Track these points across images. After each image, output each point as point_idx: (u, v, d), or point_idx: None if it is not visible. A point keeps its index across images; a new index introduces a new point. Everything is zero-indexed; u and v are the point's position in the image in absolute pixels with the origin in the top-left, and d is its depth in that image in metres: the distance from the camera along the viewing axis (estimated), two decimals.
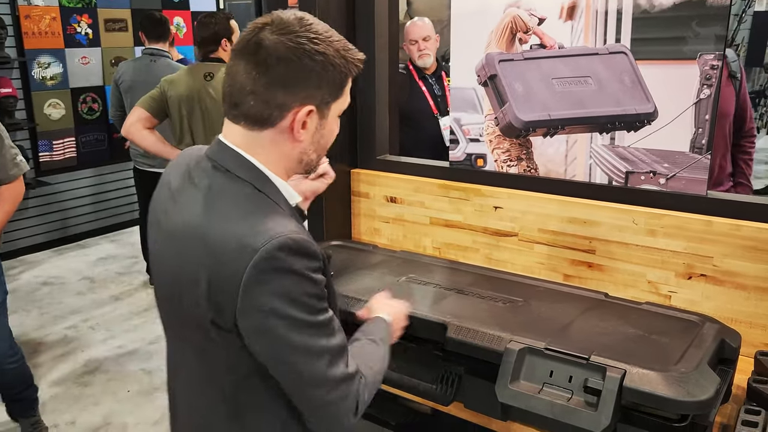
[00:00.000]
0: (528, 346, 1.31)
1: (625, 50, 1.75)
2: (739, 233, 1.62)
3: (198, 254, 1.02)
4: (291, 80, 1.03)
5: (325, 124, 1.10)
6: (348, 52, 1.08)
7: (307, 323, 1.00)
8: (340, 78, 1.07)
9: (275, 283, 0.97)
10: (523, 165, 1.99)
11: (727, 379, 1.36)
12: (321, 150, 1.13)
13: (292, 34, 1.02)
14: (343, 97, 1.11)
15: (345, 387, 1.05)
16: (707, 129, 1.68)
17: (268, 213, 1.03)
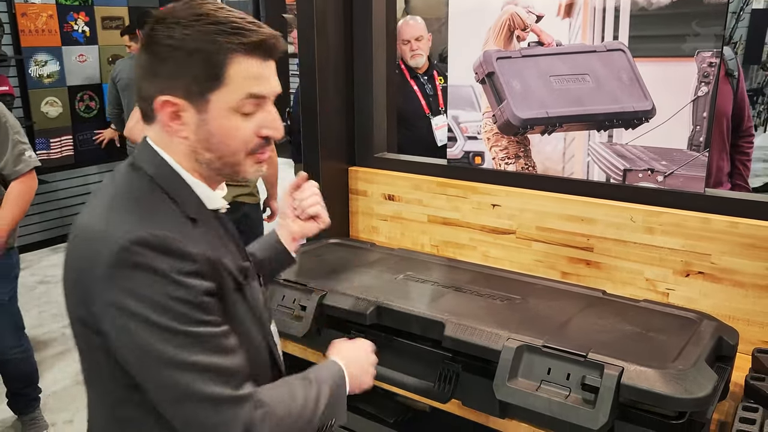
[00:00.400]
0: (526, 344, 1.31)
1: (623, 48, 1.75)
2: (736, 231, 1.62)
3: (74, 247, 0.99)
4: (149, 70, 0.98)
5: (209, 118, 0.98)
6: (221, 35, 0.95)
7: (172, 330, 0.90)
8: (208, 64, 0.96)
9: (128, 281, 0.90)
10: (521, 163, 1.99)
11: (724, 376, 1.36)
12: (217, 150, 1.00)
13: (161, 23, 0.98)
14: (228, 86, 0.97)
15: (228, 411, 0.93)
16: (705, 126, 1.68)
17: (149, 208, 0.97)
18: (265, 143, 1.05)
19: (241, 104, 0.99)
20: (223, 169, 1.04)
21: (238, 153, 1.02)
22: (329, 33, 2.15)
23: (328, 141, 2.22)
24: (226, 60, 0.96)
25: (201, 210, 1.04)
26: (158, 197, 1.00)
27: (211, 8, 0.98)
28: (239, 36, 0.96)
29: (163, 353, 0.90)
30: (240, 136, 1.01)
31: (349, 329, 1.59)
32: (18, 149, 2.42)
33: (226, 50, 0.96)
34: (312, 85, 2.14)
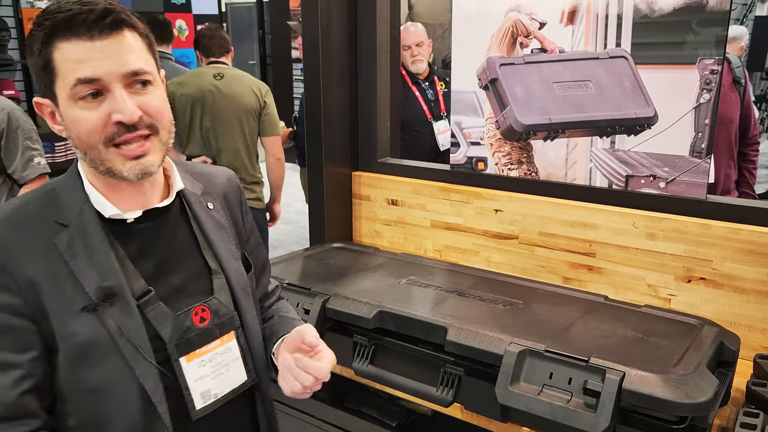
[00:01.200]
0: (528, 348, 1.32)
1: (625, 54, 1.76)
2: (737, 237, 1.63)
3: None
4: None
5: (63, 114, 0.95)
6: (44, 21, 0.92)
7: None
8: (39, 57, 0.93)
9: None
10: (523, 168, 2.00)
11: (726, 381, 1.37)
12: (80, 145, 0.95)
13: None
14: (59, 76, 0.92)
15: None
16: (707, 133, 1.69)
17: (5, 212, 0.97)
18: (125, 131, 0.94)
19: (74, 92, 0.92)
20: (97, 167, 0.96)
21: (95, 145, 0.94)
22: (333, 39, 2.17)
23: (332, 146, 2.24)
24: (50, 48, 0.92)
25: (83, 218, 0.97)
26: (28, 203, 0.98)
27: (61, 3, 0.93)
28: (51, 18, 0.91)
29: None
30: (86, 126, 0.93)
31: (352, 333, 1.60)
32: (27, 155, 2.44)
33: (47, 36, 0.91)
34: (316, 90, 2.16)
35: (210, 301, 1.06)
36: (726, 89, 2.55)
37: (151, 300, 0.99)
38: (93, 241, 0.96)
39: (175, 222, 1.07)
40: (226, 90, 3.00)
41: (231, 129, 3.01)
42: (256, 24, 9.98)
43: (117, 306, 0.96)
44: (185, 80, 3.05)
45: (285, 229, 6.02)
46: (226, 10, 6.73)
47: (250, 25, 9.98)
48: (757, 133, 2.73)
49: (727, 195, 2.58)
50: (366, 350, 1.59)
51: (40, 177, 2.49)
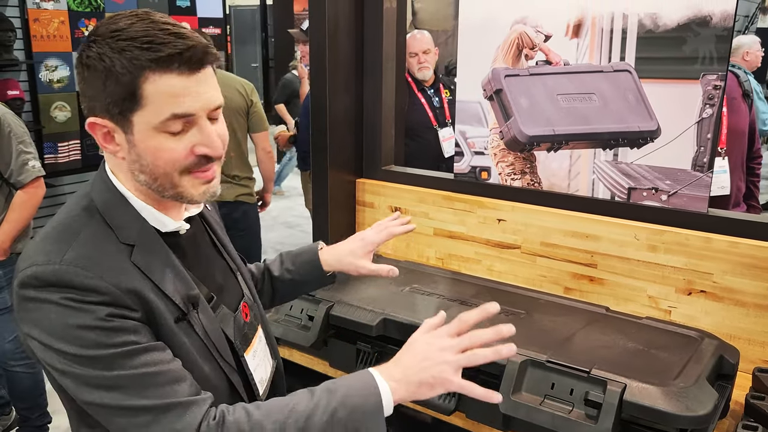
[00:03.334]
0: (530, 359, 1.33)
1: (629, 68, 1.78)
2: (737, 251, 1.65)
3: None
4: (83, 92, 0.95)
5: (135, 140, 0.93)
6: (132, 51, 0.89)
7: (84, 357, 0.88)
8: (118, 83, 0.90)
9: (33, 313, 0.90)
10: (527, 179, 2.02)
11: (725, 394, 1.38)
12: (150, 171, 0.95)
13: (87, 40, 0.93)
14: (147, 106, 0.91)
15: (174, 417, 0.90)
16: (709, 147, 1.71)
17: (66, 238, 0.93)
18: (206, 162, 0.97)
19: (165, 125, 0.92)
20: (164, 191, 0.97)
21: (171, 174, 0.95)
22: (340, 46, 2.19)
23: (337, 152, 2.25)
24: (139, 79, 0.89)
25: (144, 235, 0.98)
26: (90, 225, 0.95)
27: (129, 22, 0.91)
28: (150, 51, 0.89)
29: (84, 377, 0.89)
30: (168, 157, 0.94)
31: (356, 340, 1.62)
32: (21, 159, 2.44)
33: (136, 68, 0.89)
34: (322, 97, 2.18)
35: (246, 297, 1.17)
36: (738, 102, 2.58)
37: (216, 303, 1.06)
38: (161, 256, 0.99)
39: (199, 228, 1.13)
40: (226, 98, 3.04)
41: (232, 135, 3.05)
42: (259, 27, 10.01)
43: (201, 313, 1.01)
44: None
45: (286, 233, 6.04)
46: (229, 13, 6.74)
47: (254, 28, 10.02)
48: (759, 147, 2.76)
49: (738, 207, 2.60)
50: (369, 357, 1.60)
51: (35, 180, 2.50)
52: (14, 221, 2.46)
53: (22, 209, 2.48)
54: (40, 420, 2.75)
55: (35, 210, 2.54)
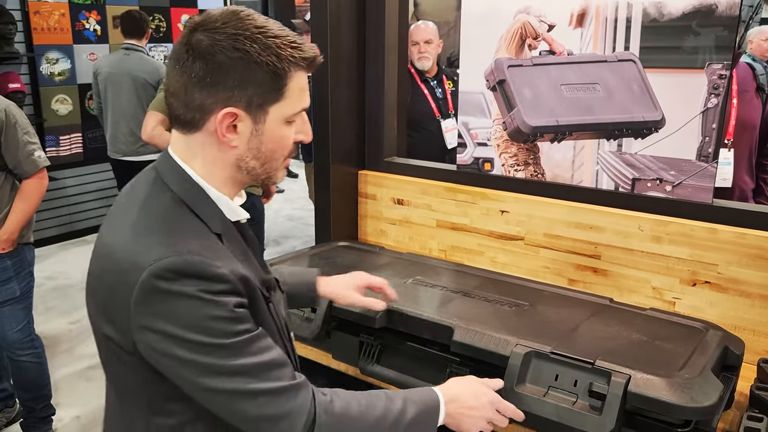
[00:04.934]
0: (534, 350, 1.33)
1: (633, 58, 1.76)
2: (743, 241, 1.64)
3: (100, 261, 1.01)
4: (208, 80, 0.96)
5: (263, 129, 1.00)
6: (284, 49, 0.97)
7: (213, 345, 0.93)
8: (272, 78, 0.97)
9: (164, 306, 0.92)
10: (530, 170, 2.01)
11: (730, 385, 1.38)
12: (263, 158, 1.03)
13: (214, 31, 0.96)
14: (286, 99, 1.00)
15: (289, 399, 0.97)
16: (714, 138, 1.70)
17: (176, 229, 0.97)
18: (295, 148, 1.09)
19: (293, 116, 1.03)
20: (261, 175, 1.06)
21: (279, 159, 1.06)
22: (342, 37, 2.17)
23: (339, 144, 2.25)
24: (288, 74, 0.99)
25: (225, 224, 1.04)
26: (184, 215, 0.99)
27: (263, 21, 0.99)
28: (298, 51, 0.99)
29: (209, 366, 0.93)
30: (286, 144, 1.05)
31: (359, 332, 1.61)
32: (27, 149, 2.44)
33: (289, 64, 0.98)
34: (324, 89, 2.17)
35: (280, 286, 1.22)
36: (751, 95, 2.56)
37: (274, 285, 1.15)
38: (239, 244, 1.05)
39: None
40: None
41: None
42: None
43: (272, 294, 1.10)
44: None
45: (288, 224, 6.03)
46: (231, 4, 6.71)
47: None
48: None
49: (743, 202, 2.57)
50: (372, 349, 1.60)
51: (40, 171, 2.50)
52: (21, 211, 2.46)
53: (29, 199, 2.49)
54: (44, 412, 2.76)
55: (41, 200, 2.54)
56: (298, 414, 0.97)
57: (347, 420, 1.02)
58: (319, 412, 0.99)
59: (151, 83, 4.20)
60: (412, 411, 1.07)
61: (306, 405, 0.98)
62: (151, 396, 1.01)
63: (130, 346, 0.96)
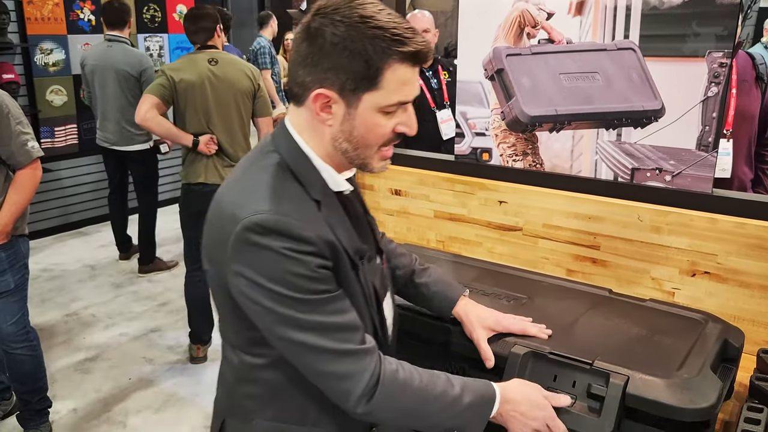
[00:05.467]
0: (532, 350, 1.31)
1: (633, 46, 1.74)
2: (743, 231, 1.63)
3: (211, 213, 1.10)
4: (309, 60, 1.03)
5: (356, 114, 1.05)
6: (382, 40, 1.00)
7: (292, 298, 1.01)
8: (368, 66, 1.01)
9: (251, 255, 1.01)
10: (528, 160, 1.99)
11: (729, 376, 1.37)
12: (356, 142, 1.07)
13: (324, 16, 1.02)
14: (381, 89, 1.03)
15: (354, 362, 1.04)
16: (714, 127, 1.68)
17: (276, 191, 1.05)
18: (396, 139, 1.11)
19: (387, 108, 1.05)
20: (355, 160, 1.10)
21: (373, 147, 1.09)
22: None
23: None
24: (385, 65, 1.01)
25: (325, 192, 1.10)
26: (288, 180, 1.07)
27: (374, 10, 1.02)
28: (399, 44, 1.01)
29: (284, 316, 1.02)
30: (380, 132, 1.07)
31: None
32: (21, 140, 2.42)
33: (386, 56, 1.01)
34: None
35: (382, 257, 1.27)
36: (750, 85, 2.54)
37: (370, 255, 1.19)
38: (337, 212, 1.12)
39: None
40: (223, 75, 3.08)
41: (228, 111, 3.12)
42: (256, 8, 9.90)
43: (366, 263, 1.15)
44: (182, 67, 3.08)
45: None
46: None
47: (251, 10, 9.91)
48: None
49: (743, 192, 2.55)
50: None
51: (33, 161, 2.47)
52: (15, 203, 2.44)
53: (23, 190, 2.46)
54: (40, 404, 2.75)
55: (35, 191, 2.52)
56: (359, 377, 1.04)
57: (407, 391, 1.08)
58: (382, 379, 1.05)
59: (133, 75, 4.19)
60: (467, 399, 1.12)
61: (369, 370, 1.05)
62: (242, 336, 1.12)
63: (226, 288, 1.07)
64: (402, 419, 1.10)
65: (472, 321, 1.35)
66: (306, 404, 1.14)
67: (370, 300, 1.16)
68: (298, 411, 1.15)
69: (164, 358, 3.46)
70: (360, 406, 1.05)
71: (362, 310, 1.13)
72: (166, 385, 3.20)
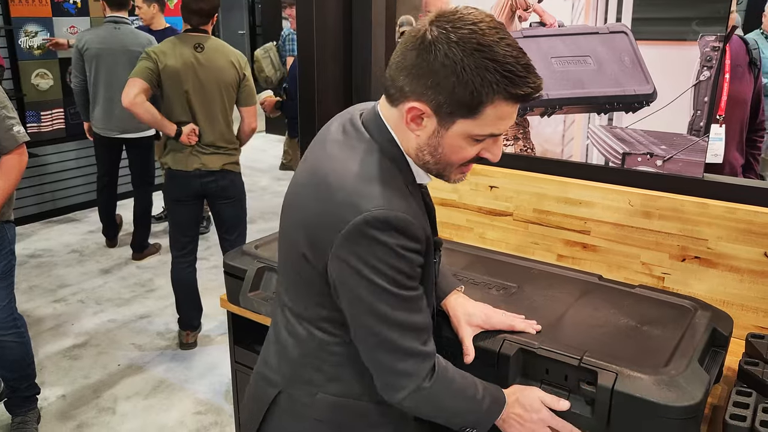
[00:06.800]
0: (521, 347, 1.30)
1: (625, 30, 1.73)
2: (733, 216, 1.63)
3: (316, 189, 1.09)
4: (413, 70, 1.01)
5: (445, 134, 1.04)
6: (494, 75, 0.97)
7: (389, 292, 1.04)
8: (471, 98, 0.98)
9: (365, 248, 1.02)
10: (519, 144, 1.98)
11: (718, 361, 1.37)
12: (438, 157, 1.08)
13: (444, 30, 0.99)
14: (478, 120, 1.01)
15: (415, 362, 1.09)
16: (705, 111, 1.67)
17: (388, 183, 1.06)
18: (477, 161, 1.11)
19: (476, 137, 1.05)
20: (433, 171, 1.12)
21: (454, 165, 1.10)
22: (328, 13, 2.12)
23: (326, 120, 2.20)
24: (489, 100, 0.99)
25: (414, 186, 1.12)
26: (396, 175, 1.09)
27: (494, 39, 0.98)
28: (510, 83, 0.98)
29: (375, 308, 1.05)
30: (464, 154, 1.08)
31: None
32: (5, 124, 2.37)
33: (493, 93, 0.98)
34: (310, 65, 2.12)
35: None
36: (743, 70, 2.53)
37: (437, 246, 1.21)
38: (420, 203, 1.13)
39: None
40: (208, 63, 3.02)
41: (212, 99, 3.07)
42: None
43: (435, 254, 1.17)
44: (167, 50, 3.01)
45: (276, 201, 5.99)
46: None
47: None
48: (764, 119, 2.69)
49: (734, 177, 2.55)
50: None
51: (19, 146, 2.42)
52: (1, 188, 2.39)
53: (9, 176, 2.42)
54: (28, 391, 2.73)
55: (20, 177, 2.47)
56: (416, 377, 1.09)
57: (449, 392, 1.14)
58: (434, 380, 1.10)
59: None
60: (487, 401, 1.18)
61: (424, 371, 1.10)
62: (320, 314, 1.15)
63: (321, 267, 1.08)
64: (435, 415, 1.17)
65: (459, 317, 1.37)
66: (372, 381, 1.16)
67: (433, 287, 1.21)
68: (361, 386, 1.18)
69: (153, 344, 3.44)
70: (406, 401, 1.11)
71: (431, 297, 1.19)
72: (156, 371, 3.19)
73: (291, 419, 1.23)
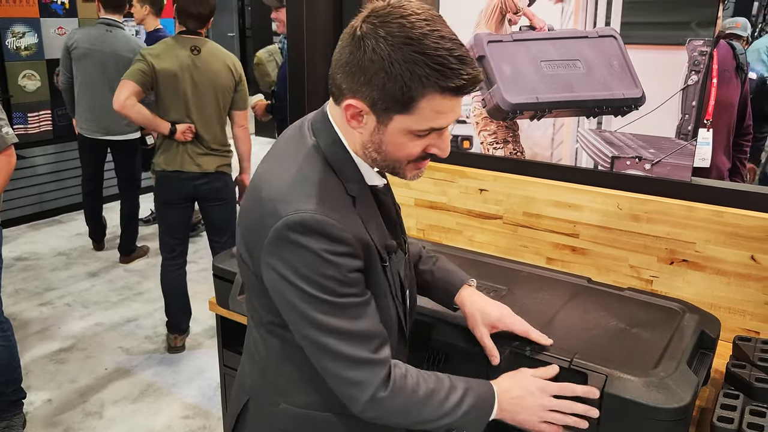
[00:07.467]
0: (512, 350, 1.30)
1: (614, 34, 1.74)
2: (721, 220, 1.64)
3: (252, 198, 1.10)
4: (346, 67, 1.00)
5: (385, 131, 1.02)
6: (423, 69, 0.94)
7: (320, 300, 1.02)
8: (402, 93, 0.96)
9: (290, 253, 1.01)
10: (509, 148, 1.98)
11: (706, 363, 1.38)
12: (384, 154, 1.06)
13: (373, 26, 0.97)
14: (414, 115, 0.99)
15: (364, 371, 1.05)
16: (693, 115, 1.69)
17: (319, 189, 1.04)
18: (427, 157, 1.09)
19: (418, 132, 1.02)
20: (385, 168, 1.10)
21: (402, 161, 1.07)
22: (318, 14, 2.12)
23: None
24: (420, 94, 0.97)
25: (361, 187, 1.10)
26: (329, 177, 1.06)
27: (424, 32, 0.95)
28: (441, 76, 0.95)
29: (308, 315, 1.03)
30: (408, 151, 1.05)
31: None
32: None
33: (423, 86, 0.96)
34: (300, 66, 2.11)
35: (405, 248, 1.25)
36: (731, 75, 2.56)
37: (399, 248, 1.18)
38: (371, 208, 1.11)
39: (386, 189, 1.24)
40: (204, 67, 3.01)
41: (207, 101, 3.07)
42: None
43: (393, 258, 1.14)
44: (161, 53, 2.99)
45: None
46: None
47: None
48: (751, 123, 2.72)
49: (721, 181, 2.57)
50: None
51: (8, 148, 2.40)
52: None
53: None
54: (14, 395, 2.70)
55: (8, 178, 2.45)
56: (368, 386, 1.05)
57: (413, 399, 1.09)
58: (390, 389, 1.07)
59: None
60: (468, 402, 1.13)
61: (378, 380, 1.06)
62: (269, 318, 1.14)
63: (259, 274, 1.08)
64: (406, 423, 1.13)
65: (475, 316, 1.31)
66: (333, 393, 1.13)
67: (395, 292, 1.17)
68: (321, 397, 1.15)
69: (141, 347, 3.42)
70: (366, 412, 1.08)
71: (388, 302, 1.15)
72: (144, 375, 3.16)
73: (259, 427, 1.22)
